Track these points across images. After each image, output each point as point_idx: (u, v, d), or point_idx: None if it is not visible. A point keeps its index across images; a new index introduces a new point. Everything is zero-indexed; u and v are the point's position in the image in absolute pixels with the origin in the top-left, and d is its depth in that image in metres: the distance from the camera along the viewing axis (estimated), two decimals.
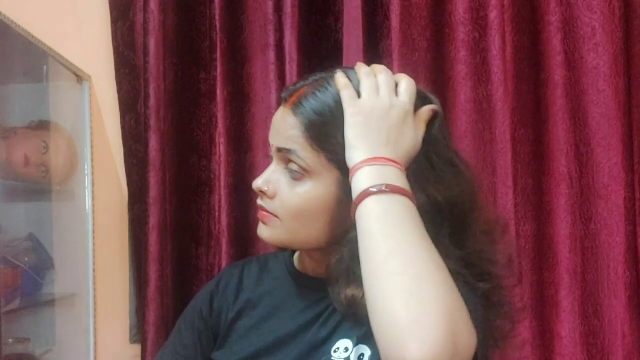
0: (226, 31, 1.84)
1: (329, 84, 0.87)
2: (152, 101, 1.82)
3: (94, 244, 1.90)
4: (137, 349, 1.87)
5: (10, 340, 1.70)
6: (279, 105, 0.97)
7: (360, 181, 0.77)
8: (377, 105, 0.80)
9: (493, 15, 1.76)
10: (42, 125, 1.87)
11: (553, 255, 1.78)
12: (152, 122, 1.82)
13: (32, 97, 1.91)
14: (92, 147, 1.93)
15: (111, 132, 1.95)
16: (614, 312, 1.74)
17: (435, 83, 1.83)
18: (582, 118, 1.77)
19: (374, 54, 1.82)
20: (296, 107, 0.86)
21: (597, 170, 1.75)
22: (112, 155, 1.95)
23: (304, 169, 0.85)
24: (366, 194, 0.75)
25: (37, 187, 1.83)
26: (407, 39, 1.80)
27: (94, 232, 1.90)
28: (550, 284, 1.78)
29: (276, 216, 0.88)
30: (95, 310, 1.91)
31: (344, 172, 0.81)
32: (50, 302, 1.87)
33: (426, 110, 0.85)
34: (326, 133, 0.84)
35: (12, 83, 1.84)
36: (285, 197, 0.86)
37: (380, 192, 0.75)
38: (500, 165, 1.77)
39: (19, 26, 1.61)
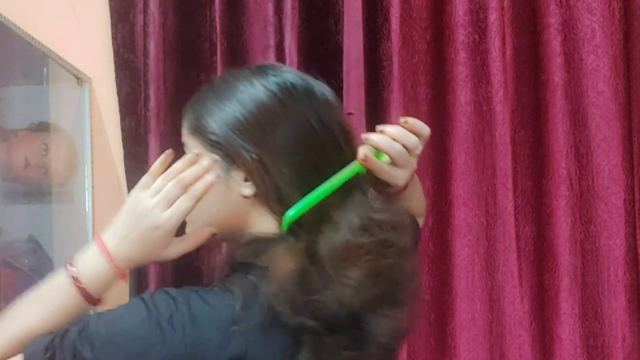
0: (226, 33, 1.84)
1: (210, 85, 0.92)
2: (152, 103, 1.82)
3: None
4: None
5: None
6: None
7: (84, 251, 0.88)
8: (141, 206, 0.85)
9: (493, 17, 1.76)
10: (42, 127, 1.86)
11: (553, 257, 1.78)
12: (152, 124, 1.82)
13: (32, 99, 1.91)
14: (92, 149, 1.92)
15: (111, 134, 1.95)
16: (614, 314, 1.74)
17: (435, 85, 1.83)
18: (582, 120, 1.77)
19: (373, 56, 1.82)
20: (184, 110, 0.93)
21: (596, 172, 1.76)
22: (112, 157, 1.95)
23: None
24: (67, 261, 0.87)
25: (37, 188, 1.83)
26: (407, 41, 1.80)
27: (93, 234, 1.90)
28: (550, 286, 1.78)
29: None
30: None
31: (221, 153, 0.85)
32: None
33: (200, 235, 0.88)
34: (199, 118, 0.88)
35: (12, 85, 1.84)
36: None
37: (69, 267, 0.86)
38: (500, 167, 1.77)
39: (19, 28, 1.61)
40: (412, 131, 0.89)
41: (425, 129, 0.91)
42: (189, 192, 0.84)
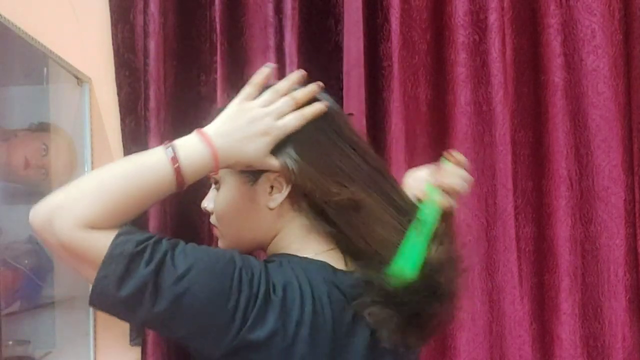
0: (226, 33, 1.84)
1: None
2: (152, 103, 1.82)
3: None
4: (137, 351, 1.87)
5: (10, 342, 1.69)
6: None
7: (185, 137, 0.90)
8: (251, 112, 0.90)
9: (493, 17, 1.77)
10: (42, 128, 1.86)
11: (553, 258, 1.78)
12: (152, 124, 1.82)
13: (32, 99, 1.91)
14: (92, 149, 1.92)
15: (111, 134, 1.95)
16: (614, 315, 1.74)
17: (435, 85, 1.83)
18: (582, 120, 1.77)
19: (374, 57, 1.82)
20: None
21: (596, 172, 1.76)
22: (112, 158, 1.95)
23: (217, 179, 0.99)
24: (166, 145, 0.90)
25: (37, 189, 1.82)
26: (407, 41, 1.80)
27: None
28: (550, 286, 1.78)
29: (216, 227, 1.01)
30: (95, 312, 1.90)
31: (246, 174, 0.94)
32: (50, 305, 1.86)
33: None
34: None
35: (13, 85, 1.84)
36: (213, 208, 1.00)
37: (166, 147, 0.89)
38: (500, 167, 1.77)
39: (20, 28, 1.61)
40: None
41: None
42: (300, 111, 0.90)
